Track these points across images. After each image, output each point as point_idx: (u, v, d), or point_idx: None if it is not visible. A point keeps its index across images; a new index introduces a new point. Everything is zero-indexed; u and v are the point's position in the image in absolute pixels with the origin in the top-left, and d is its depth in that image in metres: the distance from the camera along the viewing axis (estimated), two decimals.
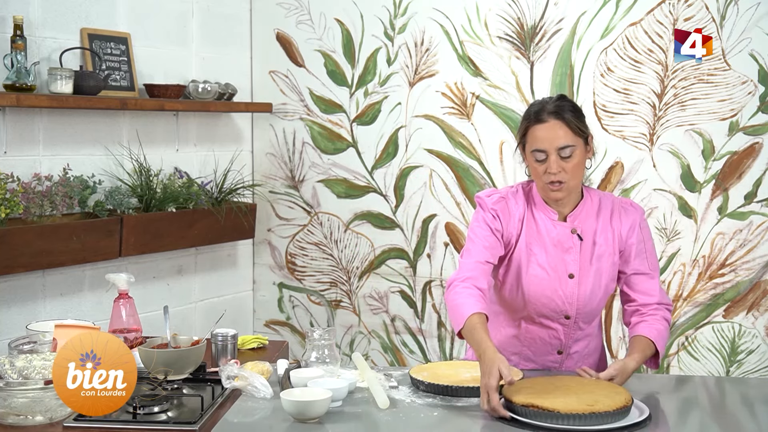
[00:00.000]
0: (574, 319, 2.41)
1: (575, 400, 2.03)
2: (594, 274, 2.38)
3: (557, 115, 2.28)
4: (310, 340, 2.33)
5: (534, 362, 2.48)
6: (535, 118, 2.31)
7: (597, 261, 2.38)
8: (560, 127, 2.28)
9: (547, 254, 2.37)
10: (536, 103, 2.37)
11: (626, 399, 2.05)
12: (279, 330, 4.27)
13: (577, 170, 2.31)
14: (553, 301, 2.38)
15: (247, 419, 2.08)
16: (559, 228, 2.38)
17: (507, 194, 2.42)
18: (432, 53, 3.89)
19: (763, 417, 2.20)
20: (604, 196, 2.45)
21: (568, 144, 2.28)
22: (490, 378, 2.06)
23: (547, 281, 2.37)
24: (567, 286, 2.37)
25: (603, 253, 2.39)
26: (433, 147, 3.93)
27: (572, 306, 2.39)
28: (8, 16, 3.13)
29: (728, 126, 3.56)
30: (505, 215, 2.38)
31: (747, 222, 3.58)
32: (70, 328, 2.48)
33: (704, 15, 3.53)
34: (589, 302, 2.40)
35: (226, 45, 4.08)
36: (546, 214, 2.39)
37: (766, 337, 3.61)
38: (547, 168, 2.28)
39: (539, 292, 2.38)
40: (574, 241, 2.37)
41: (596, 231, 2.39)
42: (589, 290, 2.38)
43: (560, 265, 2.37)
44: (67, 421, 2.06)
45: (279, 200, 4.22)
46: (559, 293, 2.38)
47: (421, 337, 4.04)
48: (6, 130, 3.17)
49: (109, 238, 3.30)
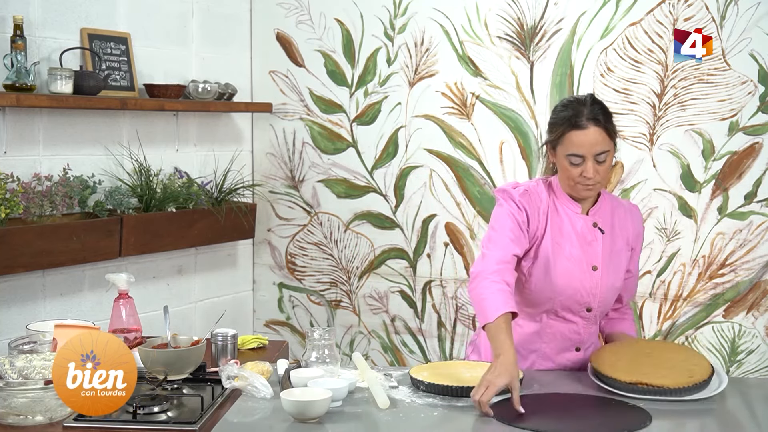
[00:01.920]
0: (594, 312, 2.46)
1: (676, 373, 2.20)
2: (615, 268, 2.46)
3: (596, 121, 2.32)
4: (310, 340, 2.33)
5: (552, 361, 2.50)
6: (575, 124, 2.32)
7: (617, 255, 2.46)
8: (599, 133, 2.32)
9: (573, 247, 2.42)
10: (570, 105, 2.37)
11: (708, 363, 2.26)
12: (279, 330, 4.27)
13: (608, 171, 2.39)
14: (579, 293, 2.42)
15: (247, 419, 2.08)
16: (582, 221, 2.43)
17: (530, 187, 2.45)
18: (432, 53, 3.89)
19: (763, 417, 2.20)
20: (612, 196, 2.55)
21: (605, 150, 2.33)
22: (499, 378, 2.08)
23: (575, 273, 2.41)
24: (592, 278, 2.42)
25: (620, 248, 2.47)
26: (433, 147, 3.93)
27: (595, 298, 2.44)
28: (8, 16, 3.13)
29: (728, 126, 3.56)
30: (531, 208, 2.41)
31: (747, 222, 3.58)
32: (70, 328, 2.48)
33: (704, 15, 3.53)
34: (609, 295, 2.47)
35: (226, 45, 4.08)
36: (570, 207, 2.44)
37: (766, 337, 3.61)
38: (583, 171, 2.33)
39: (567, 284, 2.41)
40: (597, 235, 2.43)
41: (614, 227, 2.46)
42: (610, 282, 2.45)
43: (585, 257, 2.42)
44: (67, 421, 2.06)
45: (279, 200, 4.22)
46: (585, 285, 2.42)
47: (421, 337, 4.04)
48: (6, 130, 3.17)
49: (109, 238, 3.30)
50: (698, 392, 2.19)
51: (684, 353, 2.36)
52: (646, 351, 2.35)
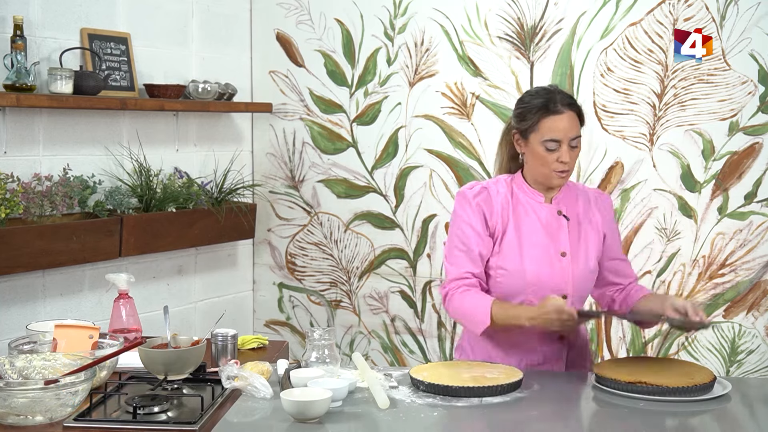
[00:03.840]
0: (570, 300, 2.45)
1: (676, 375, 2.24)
2: (584, 253, 2.47)
3: (571, 106, 2.40)
4: (310, 340, 2.33)
5: (536, 353, 2.49)
6: (551, 110, 2.38)
7: (585, 240, 2.48)
8: (574, 118, 2.40)
9: (539, 235, 2.45)
10: (539, 93, 2.44)
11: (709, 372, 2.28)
12: (279, 330, 4.27)
13: (576, 159, 2.44)
14: (552, 280, 2.43)
15: (247, 419, 2.08)
16: (546, 209, 2.47)
17: (488, 185, 2.52)
18: (432, 53, 3.89)
19: (763, 417, 2.20)
20: (576, 184, 2.58)
21: (578, 135, 2.41)
22: (550, 309, 2.27)
23: (544, 260, 2.44)
24: (561, 264, 2.44)
25: (588, 234, 2.49)
26: (433, 147, 3.93)
27: (568, 284, 2.45)
28: (8, 16, 3.13)
29: (728, 126, 3.56)
30: (489, 204, 2.47)
31: (747, 222, 3.58)
32: (70, 328, 2.48)
33: (704, 15, 3.53)
34: (583, 280, 2.48)
35: (226, 45, 4.08)
36: (532, 197, 2.48)
37: (766, 337, 3.61)
38: (559, 157, 2.38)
39: (537, 270, 2.43)
40: (561, 222, 2.46)
41: (578, 213, 2.50)
42: (581, 267, 2.46)
43: (552, 244, 2.45)
44: (67, 421, 2.06)
45: (279, 200, 4.22)
46: (556, 271, 2.44)
47: (421, 337, 4.04)
48: (6, 130, 3.17)
49: (109, 238, 3.30)
50: (698, 395, 2.20)
51: (688, 364, 2.44)
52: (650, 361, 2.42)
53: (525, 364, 2.48)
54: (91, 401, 2.14)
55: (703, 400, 2.19)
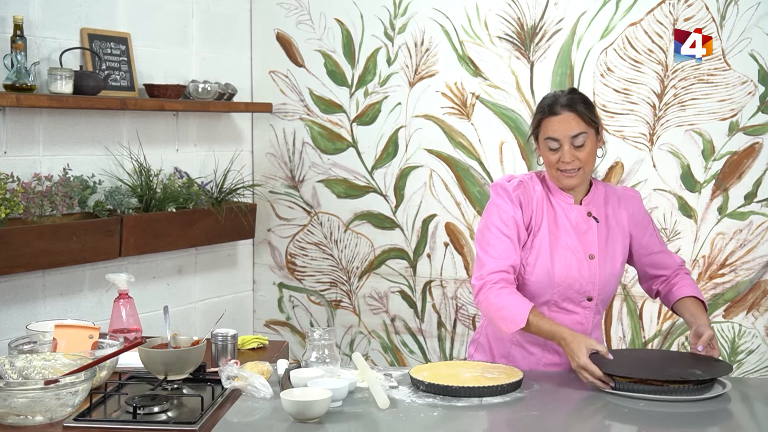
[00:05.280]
0: (595, 302, 2.48)
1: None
2: (612, 256, 2.49)
3: (570, 107, 2.40)
4: (310, 340, 2.33)
5: (558, 353, 2.49)
6: (549, 111, 2.42)
7: (613, 243, 2.50)
8: (573, 117, 2.40)
9: (569, 236, 2.46)
10: (549, 96, 2.47)
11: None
12: (279, 330, 4.27)
13: (590, 158, 2.42)
14: (578, 282, 2.45)
15: (247, 419, 2.08)
16: (576, 211, 2.48)
17: (524, 179, 2.52)
18: (432, 53, 3.89)
19: (763, 417, 2.20)
20: (607, 185, 2.60)
21: (581, 131, 2.39)
22: (580, 356, 2.25)
23: (573, 263, 2.45)
24: (589, 266, 2.46)
25: (616, 236, 2.51)
26: (433, 147, 3.93)
27: (594, 286, 2.47)
28: (8, 16, 3.13)
29: (728, 126, 3.56)
30: (526, 199, 2.47)
31: (747, 222, 3.58)
32: (70, 328, 2.48)
33: (704, 15, 3.53)
34: (609, 283, 2.50)
35: (226, 45, 4.08)
36: (562, 198, 2.49)
37: (766, 337, 3.61)
38: (561, 157, 2.40)
39: (566, 273, 2.44)
40: (591, 224, 2.48)
41: (608, 216, 2.51)
42: (608, 271, 2.48)
43: (581, 246, 2.46)
44: (67, 421, 2.06)
45: (279, 200, 4.22)
46: (584, 274, 2.45)
47: (421, 337, 4.04)
48: (6, 130, 3.17)
49: (109, 238, 3.30)
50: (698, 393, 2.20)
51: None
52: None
53: (544, 363, 2.50)
54: (91, 401, 2.14)
55: (703, 399, 2.19)
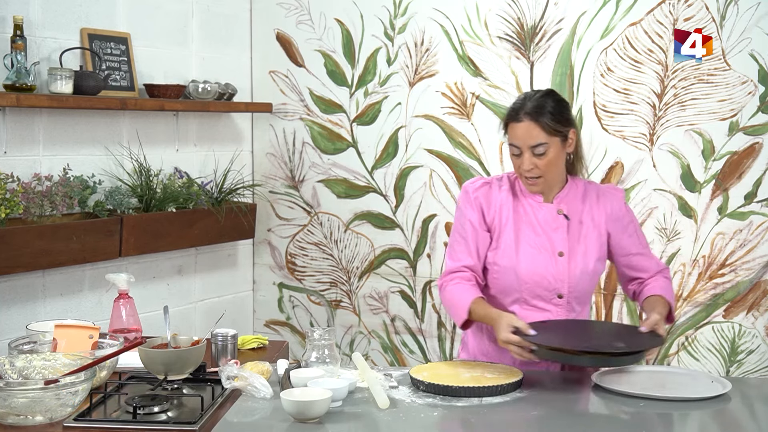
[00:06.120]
0: (566, 299, 2.48)
1: None
2: (582, 253, 2.48)
3: (531, 116, 2.40)
4: (310, 340, 2.33)
5: None
6: (513, 116, 2.43)
7: (585, 240, 2.49)
8: (533, 127, 2.40)
9: (536, 235, 2.48)
10: (520, 98, 2.48)
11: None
12: (279, 330, 4.27)
13: (551, 166, 2.42)
14: (546, 279, 2.46)
15: (247, 419, 2.08)
16: (545, 209, 2.50)
17: (492, 180, 2.57)
18: (432, 53, 3.89)
19: (763, 417, 2.20)
20: (589, 183, 2.59)
21: (541, 142, 2.40)
22: (500, 331, 2.30)
23: (540, 260, 2.46)
24: (557, 263, 2.47)
25: (590, 233, 2.50)
26: (433, 147, 3.93)
27: (564, 284, 2.47)
28: (8, 16, 3.13)
29: (728, 126, 3.56)
30: (488, 200, 2.52)
31: (747, 222, 3.58)
32: (70, 328, 2.48)
33: (704, 15, 3.53)
34: (580, 280, 2.48)
35: (226, 45, 4.08)
36: (532, 197, 2.51)
37: (766, 337, 3.61)
38: (521, 164, 2.42)
39: (532, 270, 2.46)
40: (561, 221, 2.48)
41: (582, 212, 2.51)
42: (579, 268, 2.47)
43: (549, 243, 2.47)
44: (67, 421, 2.06)
45: (279, 200, 4.22)
46: (551, 270, 2.46)
47: (421, 337, 4.04)
48: (6, 130, 3.17)
49: (109, 238, 3.30)
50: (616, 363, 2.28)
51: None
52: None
53: (519, 362, 2.44)
54: (91, 401, 2.14)
55: (704, 399, 2.19)
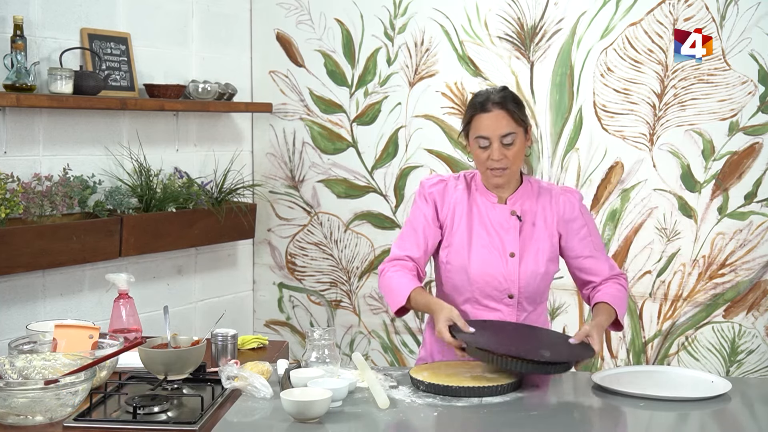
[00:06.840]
0: (517, 299, 2.50)
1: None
2: (534, 254, 2.50)
3: (501, 105, 2.44)
4: (310, 340, 2.34)
5: None
6: (481, 108, 2.45)
7: (537, 241, 2.51)
8: (504, 116, 2.43)
9: (489, 235, 2.51)
10: (482, 93, 2.51)
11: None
12: (279, 330, 4.27)
13: (518, 157, 2.46)
14: (496, 279, 2.49)
15: (247, 419, 2.08)
16: (498, 210, 2.52)
17: (449, 178, 2.60)
18: (432, 53, 3.89)
19: (763, 417, 2.20)
20: (544, 183, 2.62)
21: (510, 131, 2.43)
22: (441, 321, 2.33)
23: (491, 260, 2.49)
24: (508, 264, 2.49)
25: (542, 234, 2.52)
26: (433, 147, 3.93)
27: (514, 284, 2.49)
28: (8, 16, 3.13)
29: (728, 126, 3.56)
30: (442, 197, 2.55)
31: (747, 222, 3.58)
32: (70, 328, 2.48)
33: (704, 15, 3.53)
34: (532, 281, 2.50)
35: (226, 45, 4.08)
36: (486, 198, 2.54)
37: (766, 337, 3.61)
38: (490, 155, 2.43)
39: (482, 270, 2.49)
40: (513, 222, 2.50)
41: (536, 213, 2.53)
42: (530, 269, 2.50)
43: (501, 244, 2.50)
44: (67, 421, 2.06)
45: (279, 200, 4.22)
46: (501, 271, 2.49)
47: (421, 337, 4.03)
48: (6, 130, 3.17)
49: (109, 238, 3.30)
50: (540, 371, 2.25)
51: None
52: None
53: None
54: (91, 401, 2.14)
55: (704, 399, 2.19)
